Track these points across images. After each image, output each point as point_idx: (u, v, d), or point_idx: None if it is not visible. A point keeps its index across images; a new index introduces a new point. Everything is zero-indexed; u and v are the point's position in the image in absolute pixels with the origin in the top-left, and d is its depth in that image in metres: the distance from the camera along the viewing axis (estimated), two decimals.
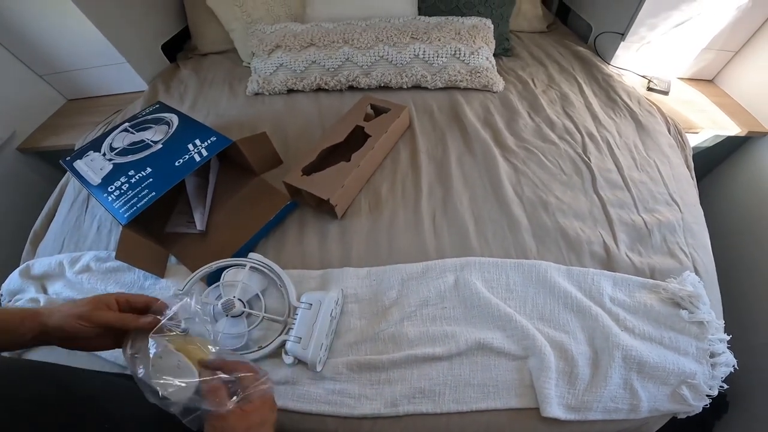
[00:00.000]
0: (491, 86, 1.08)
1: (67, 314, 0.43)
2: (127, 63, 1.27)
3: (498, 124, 0.98)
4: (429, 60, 1.06)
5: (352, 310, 0.70)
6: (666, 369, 0.62)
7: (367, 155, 0.82)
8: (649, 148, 0.94)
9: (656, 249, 0.76)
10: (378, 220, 0.80)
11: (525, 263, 0.72)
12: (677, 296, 0.68)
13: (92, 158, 0.87)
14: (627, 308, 0.69)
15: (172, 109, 0.96)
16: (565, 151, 0.91)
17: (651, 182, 0.86)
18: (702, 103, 1.17)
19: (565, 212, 0.79)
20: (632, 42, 1.17)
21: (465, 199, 0.82)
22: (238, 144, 0.81)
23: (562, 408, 0.60)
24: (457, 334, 0.66)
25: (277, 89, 1.13)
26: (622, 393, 0.61)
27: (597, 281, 0.70)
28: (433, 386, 0.62)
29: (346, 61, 1.08)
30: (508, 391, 0.62)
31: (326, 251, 0.76)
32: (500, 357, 0.64)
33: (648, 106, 1.05)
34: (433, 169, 0.89)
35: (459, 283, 0.70)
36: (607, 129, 0.97)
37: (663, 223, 0.78)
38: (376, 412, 0.60)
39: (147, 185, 0.77)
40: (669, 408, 0.61)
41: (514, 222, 0.78)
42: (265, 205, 0.80)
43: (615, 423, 0.61)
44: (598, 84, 1.13)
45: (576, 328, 0.67)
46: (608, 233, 0.77)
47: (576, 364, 0.62)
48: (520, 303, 0.69)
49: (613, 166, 0.88)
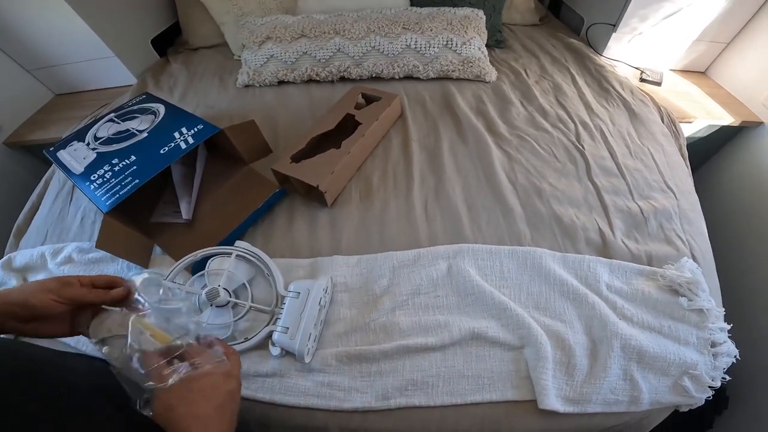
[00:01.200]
0: (484, 76, 1.07)
1: (34, 289, 0.41)
2: (116, 57, 1.25)
3: (491, 113, 0.97)
4: (421, 50, 1.05)
5: (341, 300, 0.68)
6: (667, 359, 0.60)
7: (358, 142, 0.80)
8: (642, 136, 0.93)
9: (653, 236, 0.74)
10: (369, 208, 0.78)
11: (519, 250, 0.70)
12: (675, 283, 0.66)
13: (75, 148, 0.85)
14: (624, 296, 0.67)
15: (159, 100, 0.94)
16: (558, 139, 0.90)
17: (646, 169, 0.85)
18: (695, 94, 1.17)
19: (559, 199, 0.78)
20: (624, 33, 1.17)
21: (458, 187, 0.81)
22: (226, 132, 0.78)
23: (561, 400, 0.58)
24: (450, 324, 0.63)
25: (267, 81, 1.12)
26: (622, 384, 0.59)
27: (593, 268, 0.68)
28: (425, 378, 0.60)
29: (337, 51, 1.06)
30: (504, 383, 0.59)
31: (316, 240, 0.74)
32: (495, 347, 0.62)
33: (641, 95, 1.04)
34: (425, 158, 0.87)
35: (452, 271, 0.68)
36: (600, 118, 0.96)
37: (659, 210, 0.77)
38: (366, 405, 0.58)
39: (131, 173, 0.75)
40: (671, 400, 0.59)
41: (507, 209, 0.76)
42: (253, 194, 0.78)
43: (615, 416, 0.58)
44: (591, 74, 1.12)
45: (573, 316, 0.65)
46: (604, 220, 0.75)
47: (573, 354, 0.60)
48: (515, 291, 0.67)
49: (607, 154, 0.87)
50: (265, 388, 0.60)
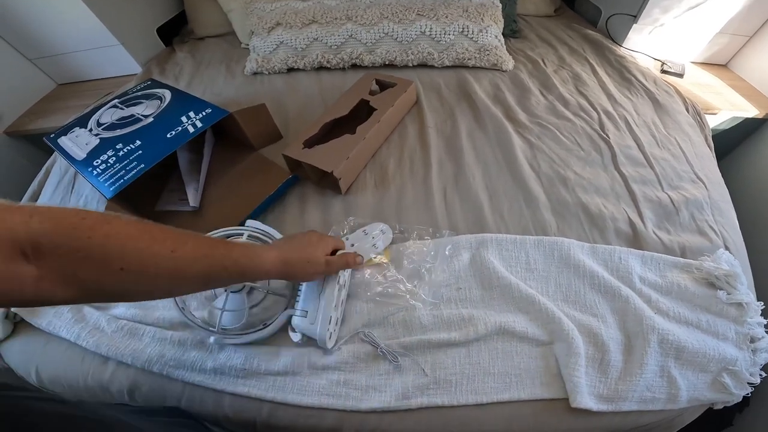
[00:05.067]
0: (501, 65, 1.04)
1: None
2: (121, 45, 1.22)
3: (509, 101, 0.93)
4: (436, 37, 1.02)
5: (359, 293, 0.64)
6: (707, 355, 0.56)
7: (374, 128, 0.77)
8: (668, 126, 0.90)
9: (685, 227, 0.70)
10: (385, 195, 0.74)
11: (546, 240, 0.66)
12: (712, 275, 0.62)
13: (77, 134, 0.82)
14: (659, 289, 0.63)
15: (164, 85, 0.91)
16: (581, 128, 0.86)
17: (674, 159, 0.81)
18: (717, 86, 1.13)
19: (585, 188, 0.74)
20: (645, 24, 1.14)
21: (477, 174, 0.77)
22: (235, 116, 0.75)
23: (594, 398, 0.54)
24: (474, 318, 0.59)
25: (276, 68, 1.08)
26: (659, 381, 0.55)
27: (624, 260, 0.65)
28: (448, 376, 0.56)
29: (349, 38, 1.03)
30: (533, 381, 0.55)
31: (329, 228, 0.70)
32: (523, 342, 0.58)
33: (665, 86, 1.01)
34: (443, 144, 0.83)
35: (475, 262, 0.64)
36: (624, 107, 0.93)
37: (690, 201, 0.73)
38: (385, 405, 0.54)
39: (135, 158, 0.72)
40: (709, 397, 0.56)
41: (531, 197, 0.73)
42: (263, 181, 0.74)
43: (650, 414, 0.55)
44: (611, 65, 1.09)
45: (605, 310, 0.61)
46: (633, 210, 0.72)
47: (607, 350, 0.56)
48: (542, 283, 0.63)
49: (633, 143, 0.83)
50: (276, 387, 0.56)
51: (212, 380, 0.56)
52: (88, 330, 0.62)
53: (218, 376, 0.57)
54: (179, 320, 0.62)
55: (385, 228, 0.68)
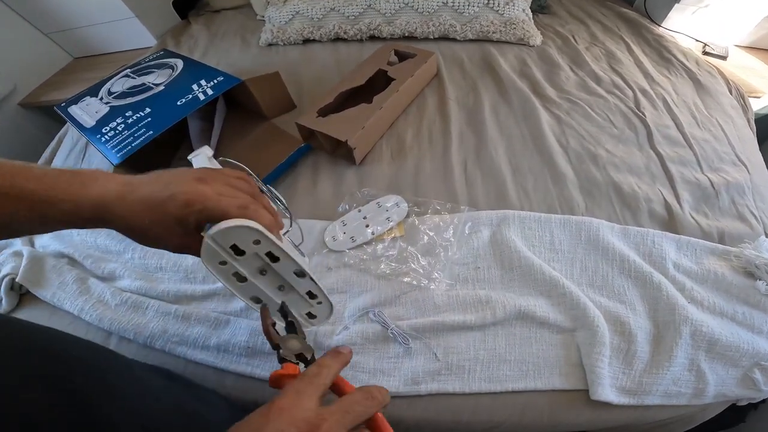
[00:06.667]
0: (528, 39, 0.98)
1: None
2: (136, 18, 1.21)
3: (536, 76, 0.87)
4: (459, 9, 0.96)
5: (369, 268, 0.60)
6: (740, 349, 0.51)
7: (391, 98, 0.73)
8: (710, 107, 0.83)
9: (724, 211, 0.65)
10: (402, 167, 0.71)
11: (572, 219, 0.61)
12: (752, 264, 0.57)
13: (88, 103, 0.81)
14: (694, 277, 0.58)
15: (177, 55, 0.88)
16: (615, 105, 0.80)
17: (715, 141, 0.75)
18: (762, 70, 1.05)
19: (617, 166, 0.69)
20: (687, 4, 1.05)
21: (500, 148, 0.72)
22: (247, 84, 0.72)
23: (616, 391, 0.50)
24: (492, 300, 0.55)
25: (292, 39, 1.05)
26: (686, 375, 0.50)
27: (658, 244, 0.59)
28: (461, 361, 0.52)
29: (367, 8, 0.99)
30: (551, 370, 0.51)
31: (341, 200, 0.67)
32: (543, 329, 0.54)
33: (707, 66, 0.94)
34: (464, 117, 0.79)
35: (495, 240, 0.60)
36: (662, 86, 0.86)
37: (731, 184, 0.67)
38: (393, 390, 0.50)
39: (144, 125, 0.70)
40: (737, 393, 0.51)
41: (558, 174, 0.68)
42: (275, 149, 0.71)
43: (672, 409, 0.50)
44: (648, 44, 1.01)
45: (634, 297, 0.56)
46: (669, 191, 0.66)
47: (634, 340, 0.52)
48: (567, 266, 0.59)
49: (671, 122, 0.77)
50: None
51: (215, 358, 0.54)
52: (92, 303, 0.60)
53: (221, 354, 0.54)
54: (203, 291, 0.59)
55: (400, 201, 0.65)
